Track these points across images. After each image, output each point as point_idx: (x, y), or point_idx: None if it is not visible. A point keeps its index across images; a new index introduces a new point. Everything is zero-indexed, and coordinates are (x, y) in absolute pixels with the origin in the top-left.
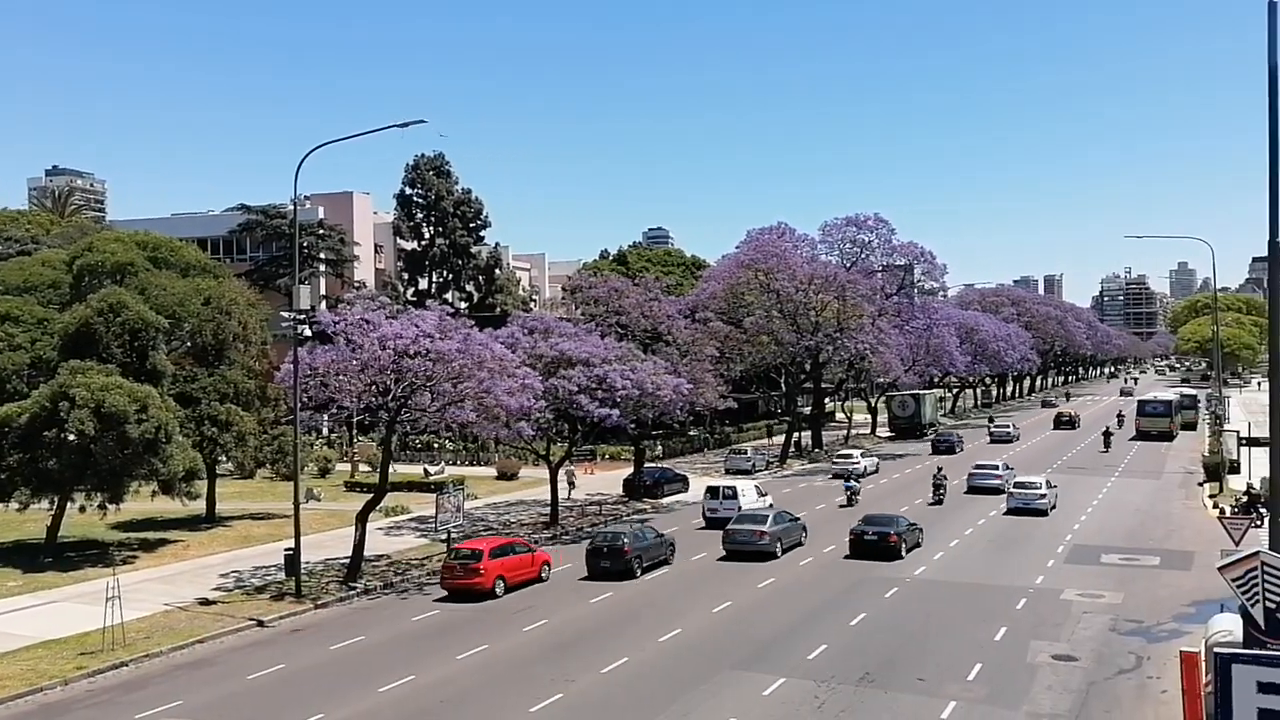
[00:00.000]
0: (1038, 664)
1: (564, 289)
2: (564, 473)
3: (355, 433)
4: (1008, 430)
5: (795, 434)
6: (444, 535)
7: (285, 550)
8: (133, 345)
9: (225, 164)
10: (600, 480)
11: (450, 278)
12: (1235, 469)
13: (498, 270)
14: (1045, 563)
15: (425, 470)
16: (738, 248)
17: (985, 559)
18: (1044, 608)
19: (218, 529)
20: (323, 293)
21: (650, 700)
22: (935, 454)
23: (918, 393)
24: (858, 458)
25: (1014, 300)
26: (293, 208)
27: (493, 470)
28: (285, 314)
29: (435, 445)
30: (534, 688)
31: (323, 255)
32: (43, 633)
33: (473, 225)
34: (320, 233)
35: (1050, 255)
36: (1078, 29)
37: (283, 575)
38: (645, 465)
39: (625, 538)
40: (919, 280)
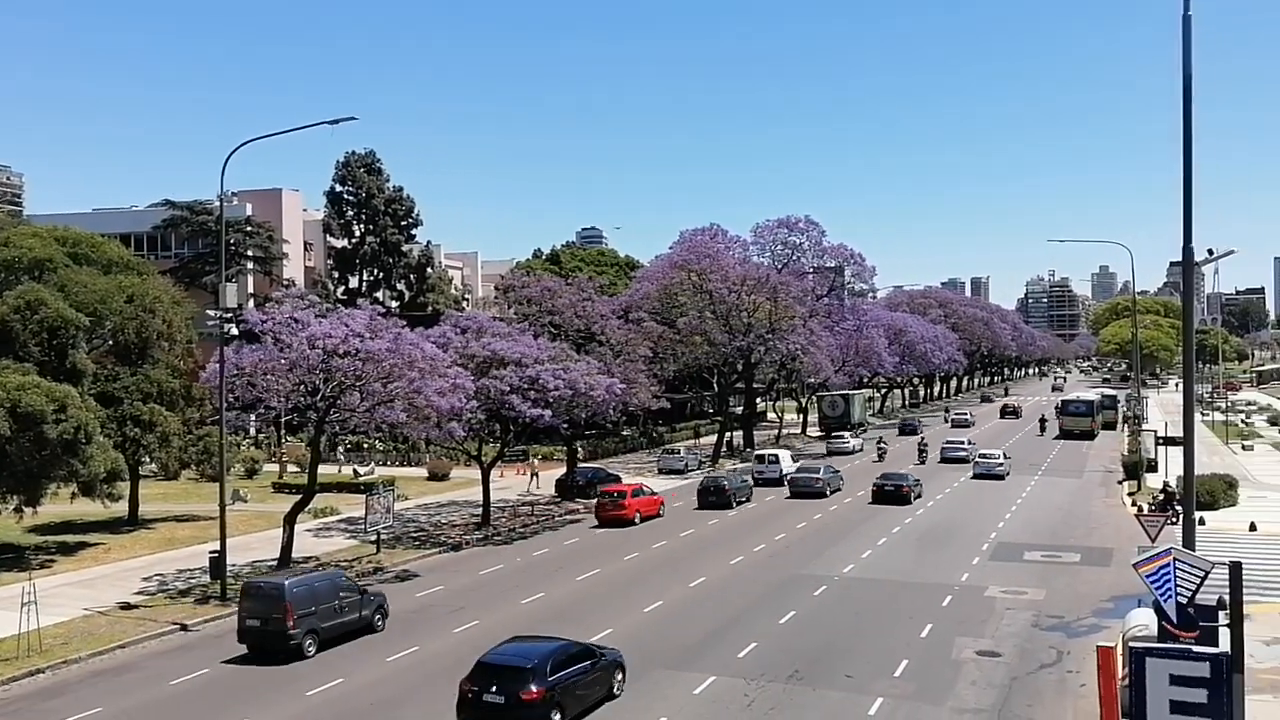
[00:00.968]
0: (962, 660)
1: (497, 288)
2: (529, 465)
3: (283, 433)
4: (965, 416)
5: (727, 433)
6: (373, 536)
7: (210, 553)
8: (51, 344)
9: (150, 159)
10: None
11: (381, 276)
12: (1153, 467)
13: (429, 269)
14: (970, 560)
15: (355, 471)
16: (671, 248)
17: (914, 557)
18: (969, 605)
19: (140, 531)
20: (250, 291)
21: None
22: (901, 435)
23: (847, 393)
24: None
25: (941, 302)
26: (219, 204)
27: (424, 471)
28: (211, 312)
29: (365, 446)
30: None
31: (251, 252)
32: None
33: (404, 223)
34: (248, 229)
35: (977, 258)
36: (1003, 31)
37: (208, 578)
38: (578, 466)
39: (725, 480)
40: (849, 282)
